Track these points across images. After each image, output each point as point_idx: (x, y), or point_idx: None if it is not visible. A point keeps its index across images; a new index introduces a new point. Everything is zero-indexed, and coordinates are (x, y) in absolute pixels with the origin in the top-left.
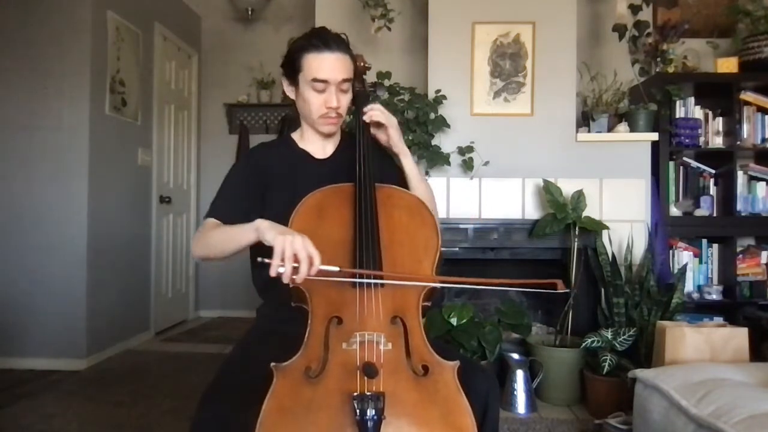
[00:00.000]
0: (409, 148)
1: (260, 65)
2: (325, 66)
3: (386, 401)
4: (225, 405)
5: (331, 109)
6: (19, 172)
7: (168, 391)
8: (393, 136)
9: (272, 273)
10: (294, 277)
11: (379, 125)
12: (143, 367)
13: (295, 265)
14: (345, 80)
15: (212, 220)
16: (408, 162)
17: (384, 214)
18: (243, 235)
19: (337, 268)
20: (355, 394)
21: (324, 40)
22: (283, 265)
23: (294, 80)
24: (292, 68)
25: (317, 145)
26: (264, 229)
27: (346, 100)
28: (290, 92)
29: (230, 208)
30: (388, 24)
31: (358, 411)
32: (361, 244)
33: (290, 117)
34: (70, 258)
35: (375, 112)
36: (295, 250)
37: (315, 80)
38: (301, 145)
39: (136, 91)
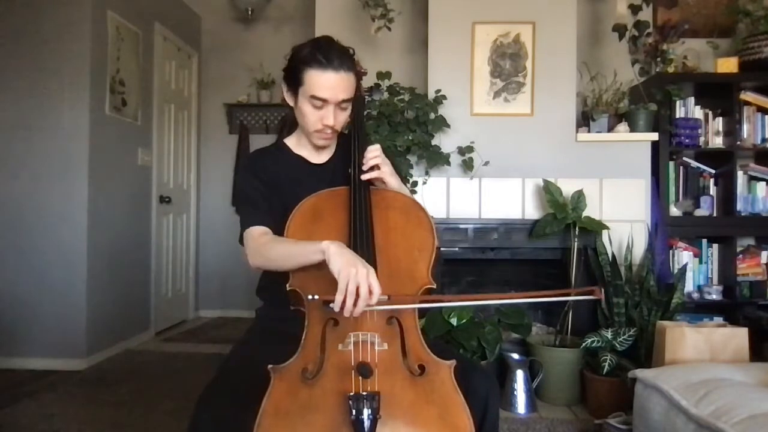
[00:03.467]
0: (408, 148)
1: (260, 65)
2: (327, 85)
3: (382, 401)
4: (223, 406)
5: (327, 126)
6: (20, 172)
7: (168, 391)
8: (389, 183)
9: (336, 308)
10: (353, 309)
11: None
12: (143, 367)
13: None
14: (345, 100)
15: (258, 229)
16: None
17: (379, 215)
18: (308, 255)
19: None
20: (351, 394)
21: (329, 57)
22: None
23: (294, 90)
24: (293, 79)
25: (312, 150)
26: (332, 255)
27: (343, 117)
28: (289, 99)
29: (264, 213)
30: (388, 24)
31: (353, 411)
32: (355, 247)
33: (290, 117)
34: (70, 258)
35: (370, 163)
36: (358, 283)
37: (314, 97)
38: (297, 150)
39: (136, 91)
